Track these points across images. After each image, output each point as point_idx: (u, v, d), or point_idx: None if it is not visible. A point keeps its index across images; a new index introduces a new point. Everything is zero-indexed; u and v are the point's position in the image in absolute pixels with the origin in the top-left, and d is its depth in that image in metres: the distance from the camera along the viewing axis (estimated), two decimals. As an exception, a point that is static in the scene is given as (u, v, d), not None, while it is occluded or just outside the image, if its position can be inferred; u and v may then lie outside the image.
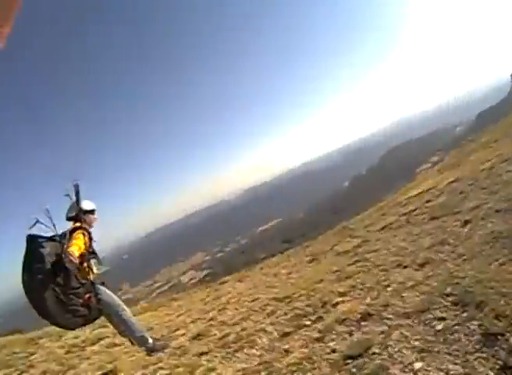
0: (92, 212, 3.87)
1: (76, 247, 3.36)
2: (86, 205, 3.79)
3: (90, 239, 3.59)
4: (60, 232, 3.42)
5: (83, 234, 3.49)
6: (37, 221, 3.26)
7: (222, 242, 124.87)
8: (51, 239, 3.31)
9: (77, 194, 3.66)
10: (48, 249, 3.20)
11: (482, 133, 12.01)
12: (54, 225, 3.36)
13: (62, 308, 3.19)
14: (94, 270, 3.60)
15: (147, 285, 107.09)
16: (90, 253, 3.53)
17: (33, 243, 3.20)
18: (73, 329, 3.53)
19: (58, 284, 3.16)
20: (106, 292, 3.69)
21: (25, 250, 3.19)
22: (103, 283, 3.71)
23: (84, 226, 3.62)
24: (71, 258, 3.22)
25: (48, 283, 3.13)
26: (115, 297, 3.75)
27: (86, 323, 3.48)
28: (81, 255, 3.39)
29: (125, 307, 3.81)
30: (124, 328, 3.78)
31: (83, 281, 3.39)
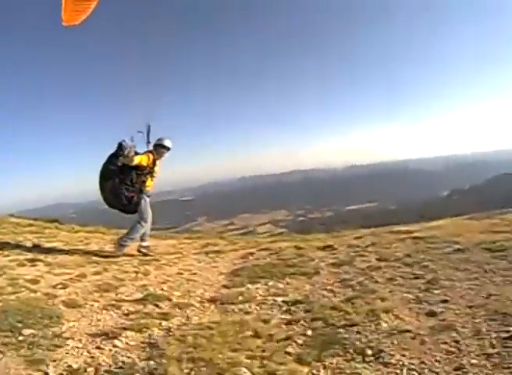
0: (165, 148, 5.13)
1: (139, 158, 4.82)
2: (165, 141, 5.11)
3: (154, 163, 5.02)
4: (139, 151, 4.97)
5: (148, 156, 4.94)
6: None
7: (308, 208, 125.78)
8: (129, 151, 4.79)
9: (148, 132, 5.06)
10: (126, 154, 4.75)
11: None
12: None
13: (115, 192, 4.79)
14: (147, 185, 5.03)
15: (222, 224, 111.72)
16: (149, 172, 4.99)
17: (122, 146, 4.75)
18: (113, 207, 4.97)
19: (119, 177, 4.78)
20: (146, 202, 5.08)
21: (115, 150, 4.83)
22: (148, 196, 5.12)
23: (154, 153, 5.02)
24: (131, 158, 4.73)
25: (114, 173, 4.79)
26: (149, 210, 5.14)
27: (123, 210, 4.99)
28: (141, 167, 4.88)
29: (149, 222, 5.18)
30: (129, 230, 5.14)
31: (136, 185, 4.89)
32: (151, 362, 2.16)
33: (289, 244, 5.69)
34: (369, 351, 2.14)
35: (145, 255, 5.13)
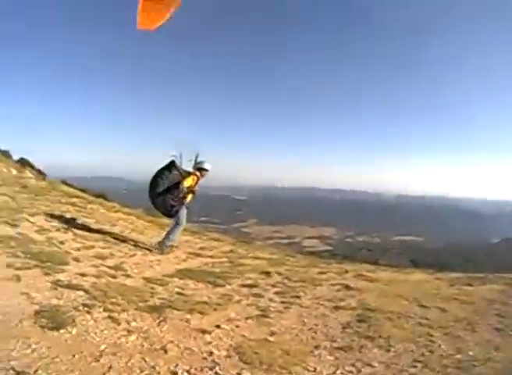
0: (206, 170, 6.57)
1: (189, 182, 6.22)
2: (205, 165, 6.56)
3: (196, 182, 6.36)
4: (184, 169, 6.39)
5: (193, 179, 6.29)
6: (174, 155, 6.40)
7: (357, 230, 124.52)
8: (178, 169, 6.29)
9: (196, 159, 6.54)
10: (175, 171, 6.24)
11: None
12: (181, 164, 6.41)
13: (163, 201, 6.14)
14: (188, 199, 6.36)
15: (270, 230, 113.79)
16: (191, 191, 6.30)
17: (172, 164, 6.30)
18: (157, 209, 6.33)
19: (167, 188, 6.11)
20: (184, 211, 6.41)
21: (165, 164, 6.29)
22: (187, 208, 6.48)
23: (198, 175, 6.40)
24: (183, 185, 6.13)
25: (162, 185, 6.15)
26: (185, 218, 6.42)
27: (166, 214, 6.40)
28: (187, 187, 6.20)
29: (182, 226, 6.45)
30: (167, 233, 6.39)
31: (178, 199, 6.19)
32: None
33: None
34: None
35: (160, 250, 6.22)
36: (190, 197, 6.42)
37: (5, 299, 2.89)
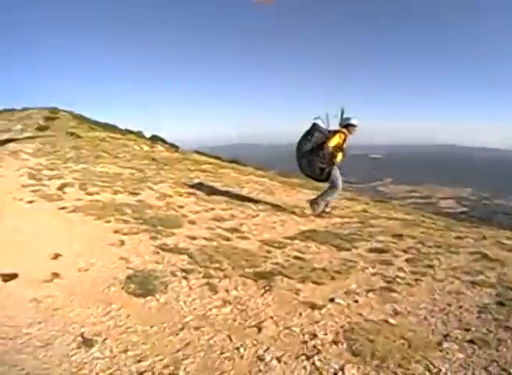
0: (353, 126, 5.89)
1: (332, 142, 5.57)
2: (352, 120, 5.87)
3: (344, 140, 5.71)
4: (330, 129, 5.82)
5: (340, 136, 5.64)
6: (318, 117, 5.80)
7: (494, 192, 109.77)
8: (320, 130, 5.75)
9: (342, 115, 5.84)
10: (317, 133, 5.68)
11: None
12: (328, 125, 5.82)
13: (309, 164, 5.67)
14: (337, 158, 5.69)
15: (406, 190, 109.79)
16: (339, 148, 5.66)
17: (314, 127, 5.76)
18: (309, 176, 5.90)
19: (313, 151, 5.61)
20: (337, 171, 5.76)
21: (309, 128, 5.77)
22: (339, 168, 5.81)
23: (345, 131, 5.73)
24: (328, 145, 5.53)
25: (308, 149, 5.64)
26: (340, 179, 5.75)
27: (315, 178, 5.86)
28: (334, 146, 5.60)
29: (338, 189, 5.79)
30: (322, 193, 5.82)
31: (327, 160, 5.64)
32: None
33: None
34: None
35: (321, 212, 5.79)
36: (339, 156, 5.78)
37: (99, 265, 2.71)
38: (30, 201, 4.88)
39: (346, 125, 5.93)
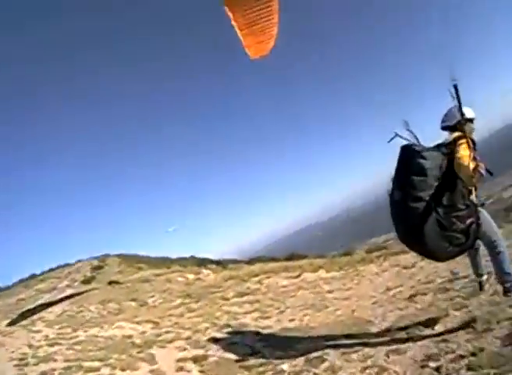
0: (471, 120, 3.17)
1: (467, 158, 2.74)
2: (467, 112, 3.07)
3: (474, 148, 2.91)
4: (436, 143, 3.04)
5: (468, 145, 2.85)
6: (396, 134, 3.06)
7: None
8: (429, 149, 2.90)
9: (458, 96, 2.90)
10: (429, 161, 2.76)
11: None
12: (416, 137, 2.99)
13: (440, 233, 2.75)
14: (474, 192, 2.92)
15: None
16: (474, 168, 2.76)
17: (409, 152, 2.87)
18: (443, 260, 3.16)
19: (441, 204, 2.76)
20: (486, 216, 3.01)
21: (398, 161, 2.98)
22: (482, 205, 3.07)
23: (465, 134, 2.96)
24: (465, 169, 2.67)
25: (431, 200, 2.73)
26: (493, 223, 3.04)
27: (458, 254, 3.01)
28: (473, 169, 2.73)
29: (500, 237, 3.05)
30: (493, 260, 3.04)
31: (468, 202, 2.84)
32: None
33: None
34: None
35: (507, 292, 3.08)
36: (473, 182, 2.93)
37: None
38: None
39: (461, 122, 2.99)
